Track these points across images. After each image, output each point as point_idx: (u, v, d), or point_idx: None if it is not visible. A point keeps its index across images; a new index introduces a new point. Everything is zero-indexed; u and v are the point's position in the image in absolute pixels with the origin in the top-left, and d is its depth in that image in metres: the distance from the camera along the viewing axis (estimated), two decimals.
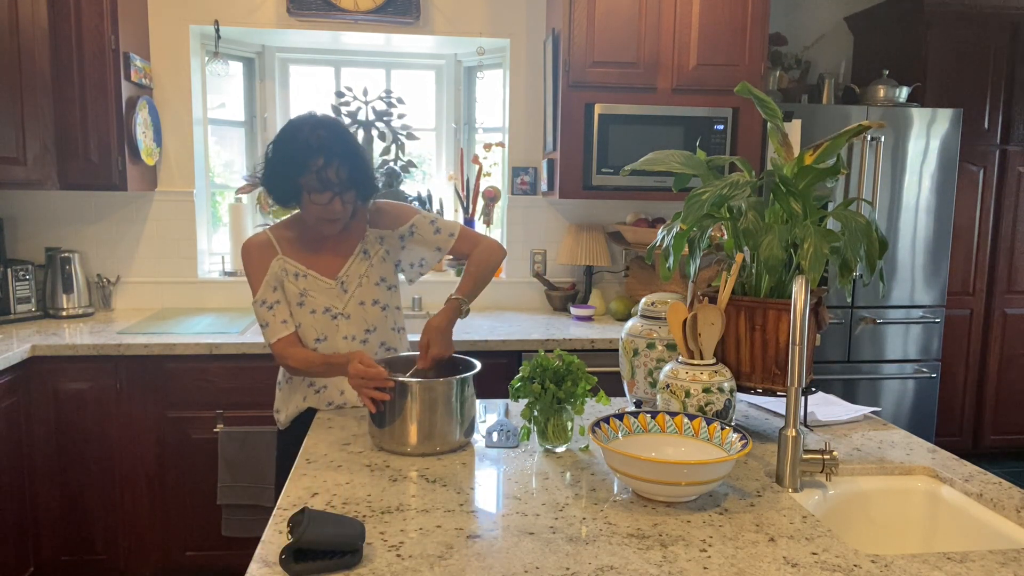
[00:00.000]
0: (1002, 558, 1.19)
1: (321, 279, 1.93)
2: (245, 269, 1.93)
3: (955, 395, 4.02)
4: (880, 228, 1.69)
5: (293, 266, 1.92)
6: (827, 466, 1.44)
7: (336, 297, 1.93)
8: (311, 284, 1.92)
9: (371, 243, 1.99)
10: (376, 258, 1.99)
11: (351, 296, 1.94)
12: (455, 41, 3.58)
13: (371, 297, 1.96)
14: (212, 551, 2.86)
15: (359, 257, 1.97)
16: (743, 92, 1.66)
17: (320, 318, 1.92)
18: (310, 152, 1.77)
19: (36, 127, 2.87)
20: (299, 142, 1.79)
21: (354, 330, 1.95)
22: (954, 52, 3.75)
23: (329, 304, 1.92)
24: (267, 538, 1.22)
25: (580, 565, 1.14)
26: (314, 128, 1.80)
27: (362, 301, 1.95)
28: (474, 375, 1.70)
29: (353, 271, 1.95)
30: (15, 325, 3.04)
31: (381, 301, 1.98)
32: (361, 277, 1.96)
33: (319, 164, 1.77)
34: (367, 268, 1.97)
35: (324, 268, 1.94)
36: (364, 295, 1.96)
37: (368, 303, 1.96)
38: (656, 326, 1.78)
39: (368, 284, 1.96)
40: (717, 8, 3.15)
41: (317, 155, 1.77)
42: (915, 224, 3.62)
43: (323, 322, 1.92)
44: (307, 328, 1.92)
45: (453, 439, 1.64)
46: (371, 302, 1.96)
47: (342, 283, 1.94)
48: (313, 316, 1.91)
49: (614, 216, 3.66)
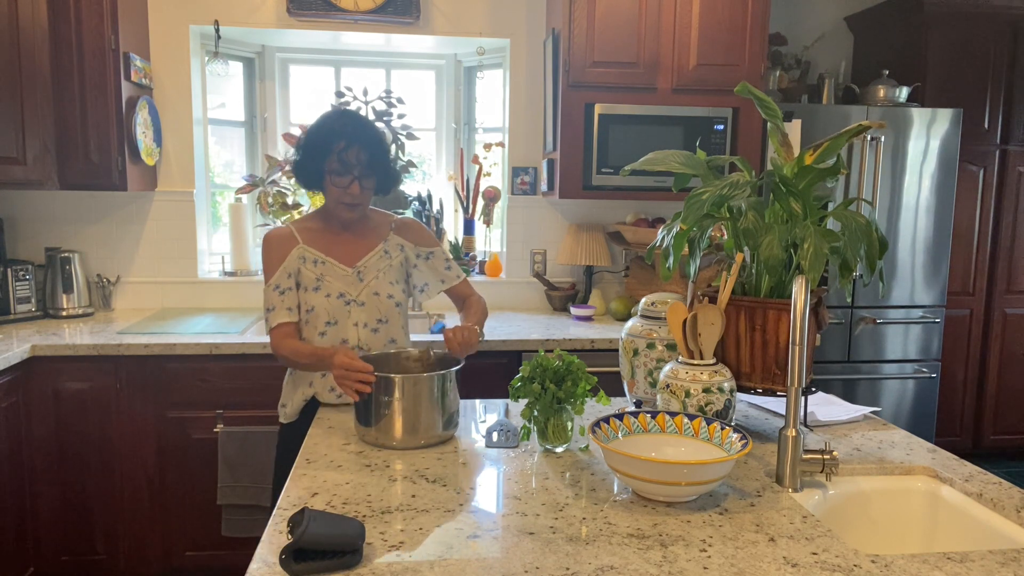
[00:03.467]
0: (1002, 558, 1.19)
1: (339, 266, 2.01)
2: (263, 257, 2.02)
3: (955, 395, 4.02)
4: (880, 228, 1.69)
5: (312, 253, 2.00)
6: (827, 466, 1.44)
7: (351, 284, 2.00)
8: (328, 270, 2.00)
9: (392, 247, 2.09)
10: (396, 261, 2.08)
11: (366, 285, 2.01)
12: (455, 41, 3.58)
13: (386, 291, 2.03)
14: (212, 551, 2.86)
15: (379, 254, 2.06)
16: (743, 92, 1.66)
17: (334, 303, 1.98)
18: (333, 136, 1.92)
19: (36, 127, 2.87)
20: (324, 128, 1.95)
21: (366, 318, 2.00)
22: (954, 52, 3.75)
23: (344, 290, 1.99)
24: (267, 538, 1.22)
25: (580, 565, 1.14)
26: (339, 117, 1.98)
27: (376, 292, 2.02)
28: (457, 371, 1.74)
29: (372, 263, 2.04)
30: (15, 325, 3.04)
31: (395, 297, 2.05)
32: (379, 271, 2.04)
33: (340, 147, 1.91)
34: (386, 265, 2.06)
35: (343, 257, 2.02)
36: (379, 287, 2.02)
37: (383, 295, 2.02)
38: (656, 326, 1.78)
39: (384, 279, 2.04)
40: (717, 8, 3.15)
41: (339, 139, 1.91)
42: (915, 224, 3.62)
43: (336, 307, 1.98)
44: (319, 311, 1.98)
45: (437, 432, 1.68)
46: (386, 295, 2.03)
47: (359, 272, 2.02)
48: (327, 300, 1.98)
49: (614, 216, 3.66)
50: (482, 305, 2.16)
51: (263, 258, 2.02)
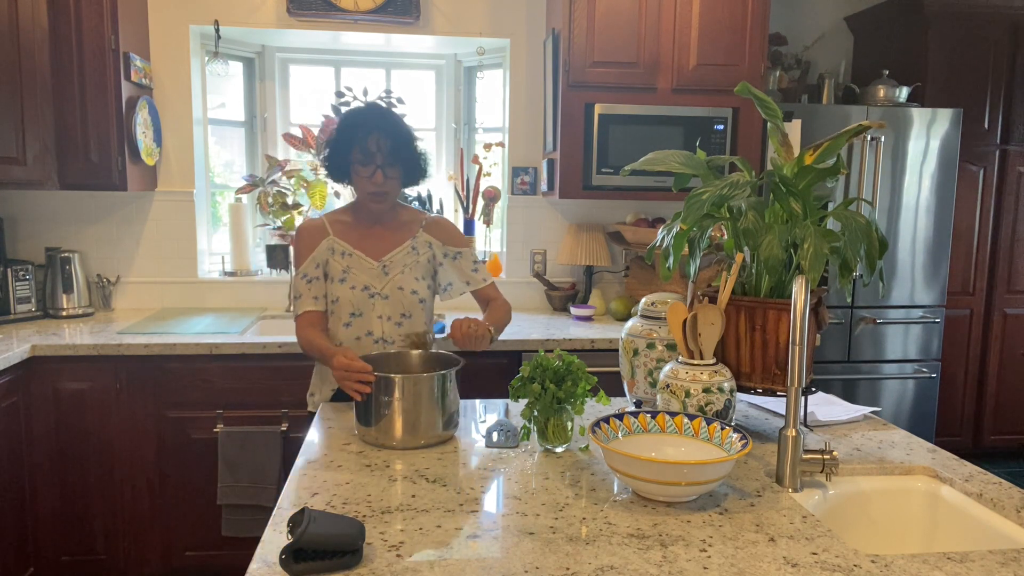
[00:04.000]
0: (1002, 558, 1.19)
1: (365, 259, 2.07)
2: (295, 247, 2.11)
3: (955, 395, 4.02)
4: (880, 228, 1.69)
5: (341, 245, 2.07)
6: (827, 466, 1.44)
7: (376, 277, 2.05)
8: (355, 262, 2.06)
9: (421, 244, 2.12)
10: (423, 258, 2.12)
11: (391, 279, 2.06)
12: (455, 41, 3.58)
13: (411, 287, 2.07)
14: (212, 551, 2.86)
15: (407, 250, 2.10)
16: (743, 92, 1.66)
17: (358, 295, 2.03)
18: (356, 127, 1.99)
19: (36, 127, 2.87)
20: (349, 121, 2.02)
21: (390, 311, 2.05)
22: (954, 52, 3.75)
23: (368, 282, 2.04)
24: (267, 538, 1.22)
25: (580, 565, 1.14)
26: (364, 109, 2.07)
27: (401, 287, 2.05)
28: (456, 371, 1.74)
29: (398, 259, 2.08)
30: (15, 325, 3.04)
31: (420, 293, 2.08)
32: (405, 267, 2.08)
33: (364, 137, 1.97)
34: (412, 261, 2.09)
35: (370, 250, 2.08)
36: (404, 282, 2.06)
37: (407, 290, 2.06)
38: (656, 326, 1.78)
39: (409, 275, 2.07)
40: (717, 8, 3.15)
41: (362, 129, 1.98)
42: (915, 224, 3.62)
43: (361, 299, 2.03)
44: (344, 302, 2.03)
45: (437, 432, 1.68)
46: (409, 291, 2.06)
47: (384, 266, 2.06)
48: (352, 292, 2.03)
49: (614, 216, 3.66)
50: (505, 309, 2.16)
51: (295, 247, 2.12)
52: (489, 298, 2.20)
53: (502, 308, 2.16)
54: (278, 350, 2.76)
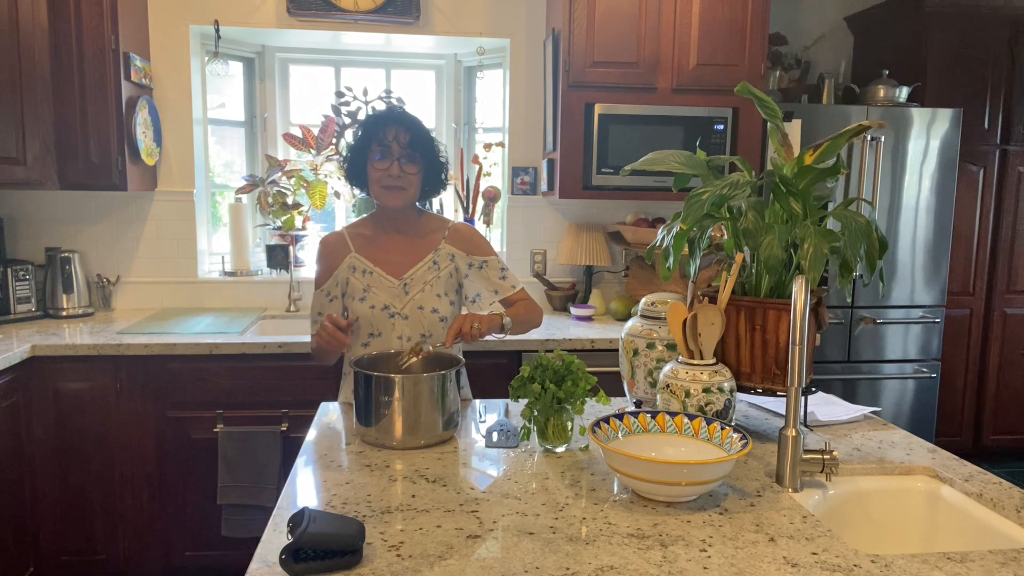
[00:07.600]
0: (1002, 558, 1.19)
1: (386, 277, 2.01)
2: (318, 261, 2.07)
3: (955, 395, 4.02)
4: (880, 228, 1.68)
5: (362, 263, 2.02)
6: (827, 466, 1.44)
7: (396, 297, 2.00)
8: (375, 281, 2.01)
9: (443, 257, 2.05)
10: (444, 272, 2.05)
11: (411, 299, 2.00)
12: (455, 41, 3.58)
13: (431, 305, 2.00)
14: (212, 551, 2.86)
15: (428, 265, 2.03)
16: (743, 92, 1.66)
17: (378, 315, 1.98)
18: (376, 121, 1.98)
19: (36, 127, 2.87)
20: (370, 118, 2.02)
21: (410, 331, 1.99)
22: (954, 52, 3.75)
23: (388, 302, 1.99)
24: (267, 538, 1.22)
25: (580, 565, 1.14)
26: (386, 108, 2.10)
27: (421, 306, 2.00)
28: (457, 370, 1.73)
29: (419, 276, 2.02)
30: (15, 325, 3.04)
31: (440, 312, 2.01)
32: (425, 284, 2.01)
33: (380, 129, 1.96)
34: (433, 277, 2.03)
35: (391, 268, 2.02)
36: (424, 301, 2.00)
37: (427, 309, 2.00)
38: (656, 326, 1.78)
39: (430, 292, 2.01)
40: (717, 8, 3.15)
41: (380, 123, 1.97)
42: (915, 224, 3.62)
43: (380, 319, 1.98)
44: (363, 322, 1.99)
45: (437, 432, 1.68)
46: (430, 309, 2.00)
47: (405, 285, 2.01)
48: (372, 311, 1.98)
49: (614, 216, 3.66)
50: (527, 306, 2.09)
51: (318, 262, 2.07)
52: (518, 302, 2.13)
53: (524, 305, 2.09)
54: (278, 350, 2.76)
